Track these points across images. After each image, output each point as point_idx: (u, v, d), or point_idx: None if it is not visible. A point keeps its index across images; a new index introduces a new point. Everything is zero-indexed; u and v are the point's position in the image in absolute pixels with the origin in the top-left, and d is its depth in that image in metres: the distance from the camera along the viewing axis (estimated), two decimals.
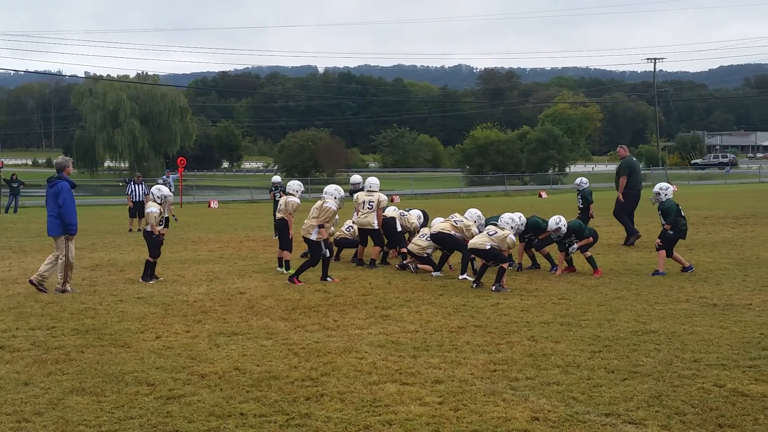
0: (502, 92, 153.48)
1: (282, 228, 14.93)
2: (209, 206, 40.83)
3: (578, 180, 19.27)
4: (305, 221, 13.85)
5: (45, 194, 13.28)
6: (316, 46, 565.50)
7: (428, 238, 14.51)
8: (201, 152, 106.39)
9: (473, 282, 12.97)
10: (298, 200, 15.04)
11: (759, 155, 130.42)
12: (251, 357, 8.33)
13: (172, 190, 41.77)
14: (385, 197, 15.89)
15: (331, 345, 8.84)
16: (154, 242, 13.74)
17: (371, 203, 15.55)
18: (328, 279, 13.59)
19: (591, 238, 14.22)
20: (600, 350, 8.45)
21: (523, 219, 14.41)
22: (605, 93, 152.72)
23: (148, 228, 13.82)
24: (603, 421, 6.22)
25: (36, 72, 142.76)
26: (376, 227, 15.53)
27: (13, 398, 6.92)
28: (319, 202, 14.00)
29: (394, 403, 6.68)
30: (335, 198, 14.04)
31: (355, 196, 16.48)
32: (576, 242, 14.09)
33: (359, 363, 8.02)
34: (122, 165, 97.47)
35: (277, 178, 23.25)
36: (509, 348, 8.62)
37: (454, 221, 14.51)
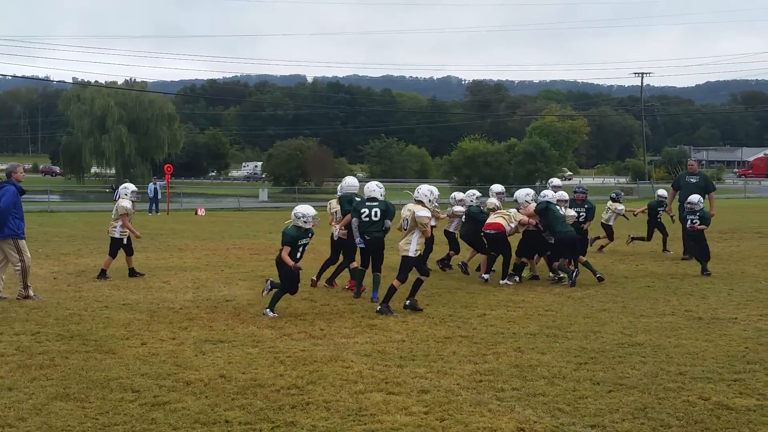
0: (491, 104, 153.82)
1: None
2: (196, 213, 40.70)
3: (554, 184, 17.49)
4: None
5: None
6: (307, 55, 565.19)
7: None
8: (188, 160, 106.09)
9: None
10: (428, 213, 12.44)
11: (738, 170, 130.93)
12: (237, 364, 8.31)
13: (160, 197, 41.71)
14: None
15: (317, 353, 8.82)
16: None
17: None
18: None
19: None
20: (586, 362, 8.47)
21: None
22: (592, 106, 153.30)
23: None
24: None
25: (24, 77, 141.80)
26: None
27: None
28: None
29: (379, 413, 6.68)
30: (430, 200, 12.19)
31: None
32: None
33: (345, 372, 8.01)
34: (109, 171, 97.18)
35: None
36: (495, 359, 8.63)
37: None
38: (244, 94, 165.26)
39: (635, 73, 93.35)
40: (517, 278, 14.61)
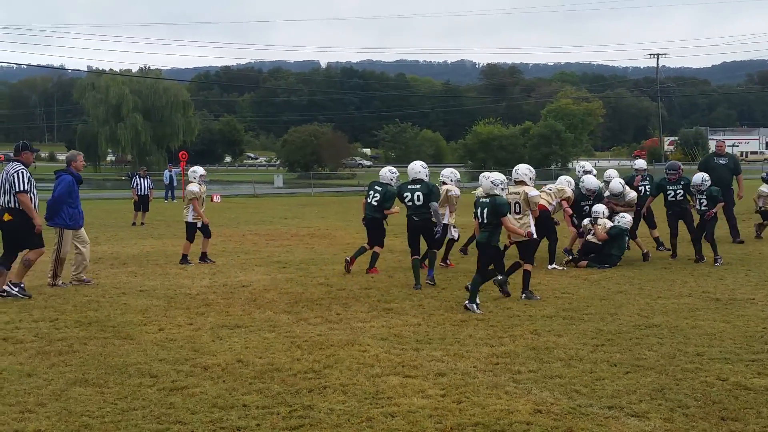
0: (505, 87, 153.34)
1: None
2: (212, 200, 40.70)
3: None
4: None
5: (51, 187, 13.26)
6: (320, 40, 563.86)
7: None
8: (203, 146, 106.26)
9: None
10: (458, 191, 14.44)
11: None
12: (254, 349, 8.34)
13: (175, 184, 41.83)
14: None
15: (333, 338, 8.84)
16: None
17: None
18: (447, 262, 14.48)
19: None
20: (603, 344, 8.45)
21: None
22: (608, 88, 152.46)
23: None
24: (606, 413, 6.23)
25: (39, 66, 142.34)
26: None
27: (16, 389, 6.94)
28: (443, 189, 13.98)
29: (396, 396, 6.69)
30: (452, 181, 14.35)
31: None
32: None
33: (362, 355, 8.03)
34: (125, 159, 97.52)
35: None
36: (512, 341, 8.62)
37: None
38: (258, 80, 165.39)
39: (650, 54, 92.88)
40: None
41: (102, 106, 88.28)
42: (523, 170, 11.89)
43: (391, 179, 13.79)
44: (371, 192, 13.79)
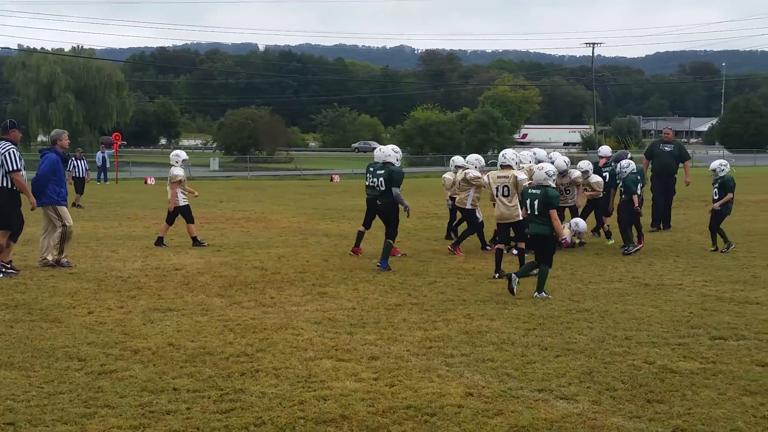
0: (443, 74, 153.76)
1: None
2: (146, 182, 40.22)
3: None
4: (457, 194, 14.57)
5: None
6: (259, 23, 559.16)
7: None
8: (138, 128, 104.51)
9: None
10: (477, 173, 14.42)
11: (692, 140, 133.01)
12: (186, 333, 8.25)
13: (108, 165, 41.10)
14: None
15: (267, 321, 8.79)
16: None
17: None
18: (488, 248, 14.35)
19: None
20: (534, 328, 8.56)
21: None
22: (544, 76, 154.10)
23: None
24: (536, 396, 6.31)
25: None
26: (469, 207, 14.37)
27: None
28: (461, 173, 14.42)
29: (329, 379, 6.68)
30: (476, 167, 14.45)
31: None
32: None
33: (295, 339, 8.00)
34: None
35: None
36: (445, 325, 8.67)
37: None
38: (194, 62, 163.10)
39: (586, 43, 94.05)
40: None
41: (33, 86, 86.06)
42: (510, 155, 12.26)
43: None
44: (368, 175, 13.71)
